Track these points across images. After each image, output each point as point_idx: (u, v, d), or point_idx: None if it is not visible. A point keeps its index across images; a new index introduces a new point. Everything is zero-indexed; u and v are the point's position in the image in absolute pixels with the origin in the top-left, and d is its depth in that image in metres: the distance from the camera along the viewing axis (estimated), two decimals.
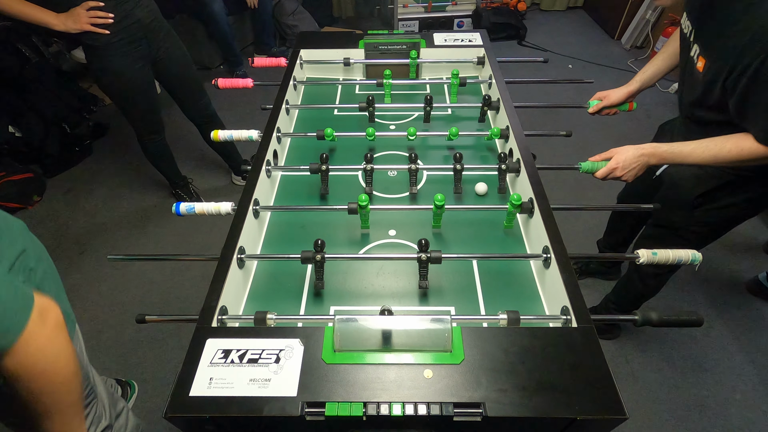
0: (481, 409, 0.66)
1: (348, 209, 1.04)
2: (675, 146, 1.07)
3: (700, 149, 1.03)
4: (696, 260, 0.90)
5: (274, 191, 1.23)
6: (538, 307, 0.94)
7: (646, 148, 1.09)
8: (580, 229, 2.17)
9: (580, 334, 0.76)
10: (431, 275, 0.97)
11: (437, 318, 0.77)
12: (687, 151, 1.05)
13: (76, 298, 2.01)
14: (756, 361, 1.76)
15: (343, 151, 1.36)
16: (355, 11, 4.27)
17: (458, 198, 1.19)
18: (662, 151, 1.08)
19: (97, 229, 2.34)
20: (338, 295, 0.97)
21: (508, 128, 1.26)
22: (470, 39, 1.64)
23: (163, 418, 0.68)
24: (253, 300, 0.97)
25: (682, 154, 1.06)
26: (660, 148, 1.08)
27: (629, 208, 1.40)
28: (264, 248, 1.09)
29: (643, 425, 1.59)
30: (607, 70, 3.45)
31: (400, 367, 0.72)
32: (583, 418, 0.65)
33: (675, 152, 1.06)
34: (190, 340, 0.76)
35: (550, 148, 2.63)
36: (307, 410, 0.67)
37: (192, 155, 2.73)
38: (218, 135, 1.26)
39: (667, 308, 1.93)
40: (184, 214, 1.01)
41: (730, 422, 1.59)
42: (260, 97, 2.90)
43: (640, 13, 3.51)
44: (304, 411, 0.67)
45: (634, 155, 1.10)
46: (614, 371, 0.70)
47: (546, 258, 0.93)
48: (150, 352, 1.80)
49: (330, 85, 1.65)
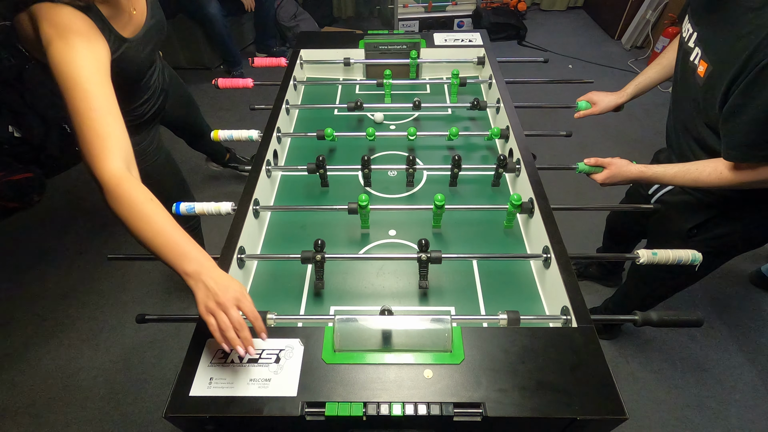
0: (481, 409, 0.66)
1: (348, 209, 1.04)
2: (659, 169, 1.08)
3: (681, 173, 1.05)
4: (696, 260, 0.90)
5: (274, 191, 1.23)
6: (538, 307, 0.94)
7: (634, 170, 1.11)
8: (580, 229, 2.17)
9: (580, 334, 0.76)
10: (431, 275, 0.97)
11: (437, 318, 0.77)
12: (670, 175, 1.07)
13: (76, 298, 2.01)
14: (756, 361, 1.76)
15: (343, 151, 1.36)
16: (355, 11, 4.27)
17: (453, 191, 1.20)
18: (649, 176, 1.10)
19: (97, 229, 2.34)
20: (338, 295, 0.97)
21: (508, 128, 1.26)
22: (470, 39, 1.64)
23: (163, 418, 0.68)
24: (253, 300, 0.96)
25: (665, 177, 1.08)
26: (646, 174, 1.10)
27: (629, 208, 1.39)
28: (264, 248, 1.09)
29: (643, 425, 1.59)
30: (607, 70, 3.44)
31: (400, 367, 0.72)
32: (583, 418, 0.65)
33: (659, 175, 1.09)
34: (190, 340, 0.77)
35: (550, 148, 2.63)
36: (307, 410, 0.67)
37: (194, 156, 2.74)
38: (218, 135, 1.26)
39: (667, 308, 1.93)
40: (184, 213, 1.01)
41: (730, 422, 1.59)
42: (260, 98, 2.90)
43: (640, 13, 3.50)
44: (304, 411, 0.67)
45: (623, 174, 1.12)
46: (614, 371, 0.70)
47: (546, 258, 0.93)
48: (150, 352, 1.80)
49: (330, 85, 1.65)
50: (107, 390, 1.70)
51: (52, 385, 1.72)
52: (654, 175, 1.09)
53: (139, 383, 1.71)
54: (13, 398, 1.69)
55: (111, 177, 0.73)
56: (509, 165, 1.16)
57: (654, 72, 1.32)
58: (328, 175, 1.21)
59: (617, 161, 1.13)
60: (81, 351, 1.82)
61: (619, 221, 1.69)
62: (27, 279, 2.10)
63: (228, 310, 0.69)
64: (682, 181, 1.05)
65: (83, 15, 0.87)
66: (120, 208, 0.73)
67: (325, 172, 1.18)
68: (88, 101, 0.77)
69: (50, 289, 2.05)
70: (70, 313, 1.96)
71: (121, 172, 0.75)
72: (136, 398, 1.67)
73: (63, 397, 1.68)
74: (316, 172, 1.18)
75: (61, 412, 1.64)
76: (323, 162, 1.16)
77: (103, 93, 0.80)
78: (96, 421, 1.62)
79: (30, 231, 2.32)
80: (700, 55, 0.99)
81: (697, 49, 1.00)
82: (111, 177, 0.73)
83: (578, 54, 3.65)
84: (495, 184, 1.22)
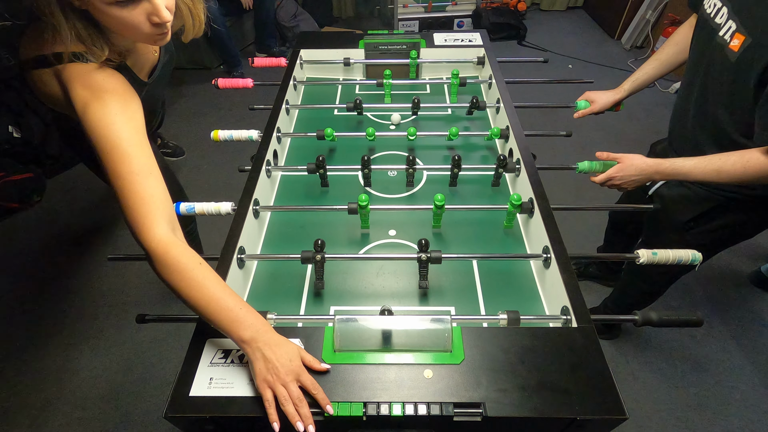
0: (481, 409, 0.66)
1: (348, 209, 1.04)
2: (677, 162, 1.03)
3: (702, 164, 0.99)
4: (696, 260, 0.90)
5: (274, 191, 1.23)
6: (538, 307, 0.94)
7: (651, 164, 1.05)
8: (580, 229, 2.17)
9: (580, 334, 0.76)
10: (431, 275, 0.97)
11: (437, 318, 0.77)
12: (689, 167, 1.01)
13: (76, 298, 2.01)
14: (756, 361, 1.76)
15: (343, 151, 1.36)
16: (355, 11, 4.27)
17: (453, 191, 1.20)
18: (665, 168, 1.04)
19: (97, 229, 2.34)
20: (338, 295, 0.97)
21: (508, 128, 1.26)
22: (470, 39, 1.64)
23: (163, 418, 0.68)
24: (253, 300, 0.97)
25: (684, 169, 1.02)
26: (663, 165, 1.04)
27: (628, 208, 1.40)
28: (264, 248, 1.09)
29: (643, 425, 1.59)
30: (607, 70, 3.44)
31: (400, 367, 0.72)
32: (583, 418, 0.65)
33: (677, 168, 1.03)
34: (190, 340, 0.77)
35: (550, 148, 2.63)
36: (312, 410, 0.67)
37: (197, 150, 2.74)
38: (218, 135, 1.26)
39: (667, 308, 1.93)
40: (184, 214, 1.01)
41: (730, 422, 1.59)
42: (260, 98, 2.90)
43: (640, 13, 3.50)
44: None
45: (639, 168, 1.06)
46: (614, 371, 0.70)
47: (546, 258, 0.93)
48: (150, 352, 1.80)
49: (330, 85, 1.65)
50: (107, 390, 1.70)
51: (52, 385, 1.72)
52: (671, 167, 1.04)
53: (139, 383, 1.71)
54: (13, 398, 1.69)
55: (158, 243, 0.71)
56: (509, 165, 1.16)
57: (651, 68, 1.31)
58: (328, 175, 1.21)
59: (629, 155, 1.09)
60: (81, 351, 1.82)
61: (620, 214, 1.69)
62: (27, 279, 2.10)
63: (288, 385, 0.66)
64: (702, 172, 0.99)
65: (116, 73, 0.84)
66: (170, 275, 0.71)
67: (325, 172, 1.18)
68: (130, 165, 0.75)
69: (50, 289, 2.05)
70: (70, 313, 1.95)
71: (168, 237, 0.72)
72: (136, 398, 1.67)
73: (63, 397, 1.68)
74: (316, 172, 1.18)
75: (61, 412, 1.64)
76: (323, 162, 1.16)
77: (143, 154, 0.77)
78: (96, 421, 1.62)
79: (30, 231, 2.32)
80: (735, 28, 0.93)
81: (731, 22, 0.95)
82: (158, 243, 0.71)
83: (578, 54, 3.65)
84: (495, 184, 1.22)
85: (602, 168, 1.15)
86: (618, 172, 1.09)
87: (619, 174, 1.09)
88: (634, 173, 1.08)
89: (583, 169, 1.16)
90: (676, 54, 1.26)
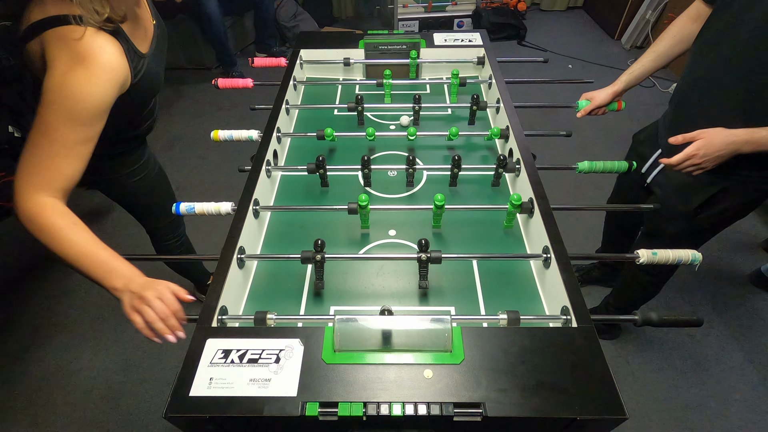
0: (481, 409, 0.66)
1: (348, 209, 1.04)
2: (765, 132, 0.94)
3: None
4: (696, 260, 0.90)
5: (274, 191, 1.23)
6: (538, 307, 0.94)
7: (740, 133, 0.95)
8: (580, 229, 2.17)
9: (580, 334, 0.76)
10: (431, 275, 0.97)
11: (437, 318, 0.77)
12: None
13: (76, 297, 2.01)
14: (756, 361, 1.76)
15: (343, 151, 1.36)
16: (355, 11, 4.27)
17: (453, 191, 1.20)
18: (760, 137, 0.93)
19: (97, 229, 2.33)
20: (338, 295, 0.97)
21: (508, 128, 1.26)
22: (470, 39, 1.64)
23: (163, 418, 0.68)
24: (253, 300, 0.97)
25: None
26: (758, 133, 0.93)
27: (628, 208, 1.39)
28: (264, 248, 1.09)
29: (643, 425, 1.59)
30: (607, 70, 3.44)
31: (400, 367, 0.72)
32: (583, 418, 0.65)
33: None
34: (190, 340, 0.77)
35: (550, 148, 2.63)
36: (320, 410, 0.67)
37: (193, 155, 2.74)
38: (218, 135, 1.26)
39: (667, 308, 1.93)
40: (184, 214, 1.01)
41: (730, 422, 1.59)
42: (260, 98, 2.90)
43: (640, 13, 3.51)
44: (303, 411, 0.67)
45: (723, 141, 0.96)
46: (614, 371, 0.70)
47: (546, 258, 0.93)
48: (150, 352, 1.80)
49: (330, 85, 1.65)
50: (107, 390, 1.70)
51: (52, 385, 1.72)
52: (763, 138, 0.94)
53: (139, 383, 1.71)
54: (13, 398, 1.69)
55: (33, 206, 0.76)
56: (509, 165, 1.16)
57: (648, 60, 1.31)
58: (328, 175, 1.21)
59: (709, 129, 0.99)
60: (81, 351, 1.82)
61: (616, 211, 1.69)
62: (27, 279, 2.10)
63: (151, 302, 0.72)
64: None
65: (111, 39, 0.82)
66: (41, 236, 0.76)
67: (325, 172, 1.18)
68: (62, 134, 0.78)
69: (50, 289, 2.05)
70: (70, 314, 1.96)
71: (44, 201, 0.76)
72: (136, 398, 1.67)
73: (63, 397, 1.68)
74: (316, 172, 1.18)
75: (61, 412, 1.65)
76: (323, 162, 1.16)
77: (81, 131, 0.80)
78: (96, 421, 1.62)
79: None
80: None
81: None
82: (33, 206, 0.76)
83: (578, 54, 3.65)
84: (495, 184, 1.22)
85: (603, 168, 1.15)
86: (699, 149, 0.99)
87: (701, 151, 0.99)
88: (720, 148, 0.98)
89: (583, 169, 1.16)
90: (674, 46, 1.26)
